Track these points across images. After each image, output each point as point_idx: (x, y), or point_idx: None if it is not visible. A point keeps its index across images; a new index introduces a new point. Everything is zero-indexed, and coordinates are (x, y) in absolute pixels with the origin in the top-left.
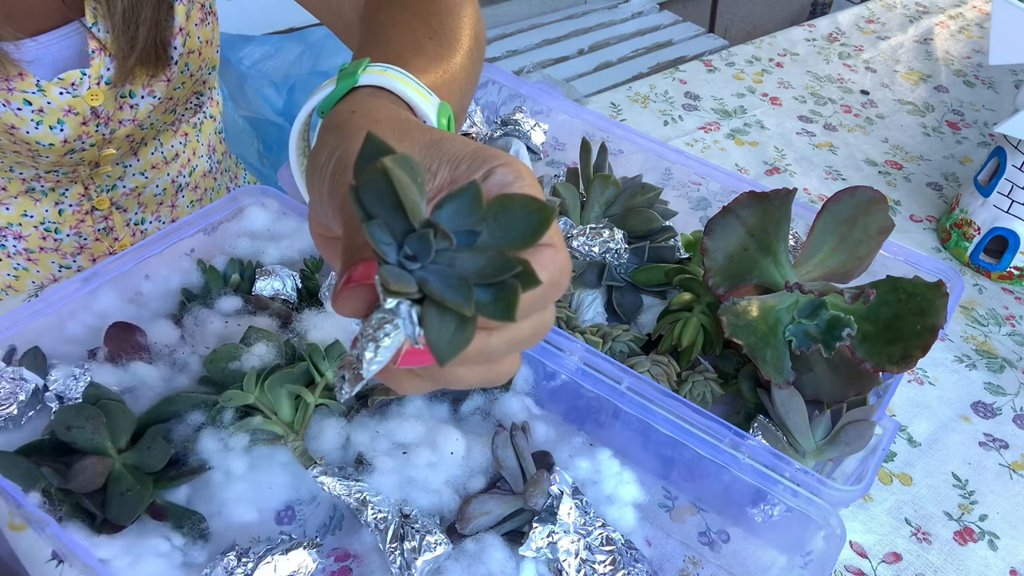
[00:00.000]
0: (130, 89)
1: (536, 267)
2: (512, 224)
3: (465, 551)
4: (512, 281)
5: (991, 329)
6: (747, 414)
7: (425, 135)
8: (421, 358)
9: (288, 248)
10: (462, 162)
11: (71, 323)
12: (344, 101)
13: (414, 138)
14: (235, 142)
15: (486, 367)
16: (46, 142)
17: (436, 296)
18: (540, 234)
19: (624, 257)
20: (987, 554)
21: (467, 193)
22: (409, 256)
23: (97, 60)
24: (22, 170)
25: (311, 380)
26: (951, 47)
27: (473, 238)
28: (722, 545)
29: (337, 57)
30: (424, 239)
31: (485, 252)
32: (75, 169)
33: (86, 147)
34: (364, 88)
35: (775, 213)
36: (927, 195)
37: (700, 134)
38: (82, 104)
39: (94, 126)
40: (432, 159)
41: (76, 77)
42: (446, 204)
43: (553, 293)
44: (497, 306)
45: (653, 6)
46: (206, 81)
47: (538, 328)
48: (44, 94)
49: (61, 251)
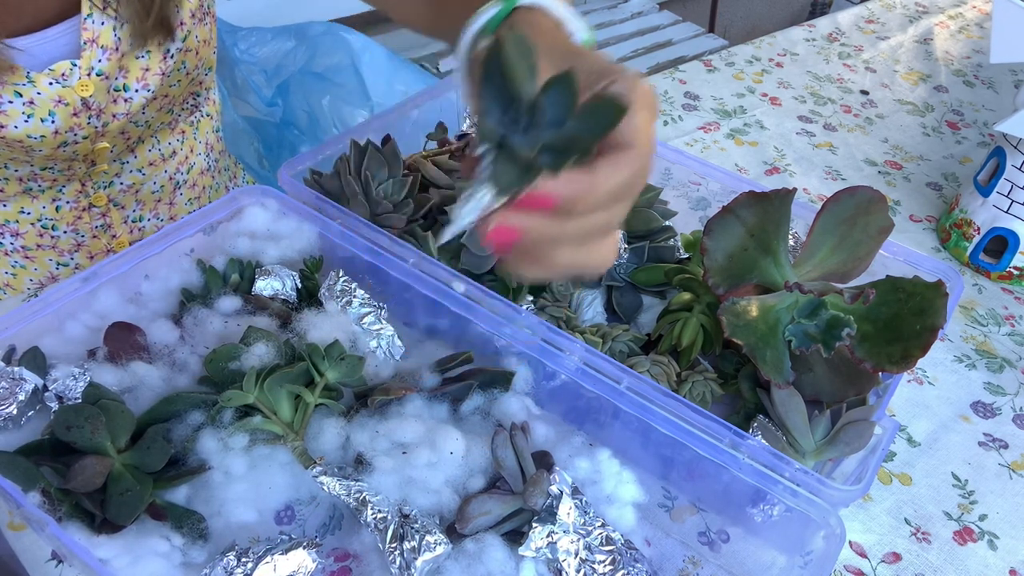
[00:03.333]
0: (124, 83)
1: (610, 164)
2: (594, 118)
3: (465, 551)
4: (571, 153)
5: (991, 329)
6: (747, 414)
7: (571, 48)
8: (507, 234)
9: (288, 248)
10: (593, 74)
11: (71, 323)
12: (505, 22)
13: (559, 49)
14: (234, 143)
15: (574, 249)
16: (37, 135)
17: (508, 144)
18: (610, 127)
19: (624, 257)
20: (987, 554)
21: (565, 81)
22: (504, 122)
23: (88, 51)
24: (17, 167)
25: (311, 380)
26: (951, 47)
27: (561, 122)
28: (722, 545)
29: (332, 56)
30: (517, 108)
31: (563, 132)
32: (70, 166)
33: (78, 140)
34: (522, 8)
35: (775, 213)
36: (927, 195)
37: (700, 134)
38: (72, 95)
39: (85, 118)
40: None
41: (66, 68)
42: (549, 88)
43: (627, 192)
44: (551, 163)
45: (653, 6)
46: (202, 81)
47: (611, 218)
48: (34, 85)
49: (59, 248)
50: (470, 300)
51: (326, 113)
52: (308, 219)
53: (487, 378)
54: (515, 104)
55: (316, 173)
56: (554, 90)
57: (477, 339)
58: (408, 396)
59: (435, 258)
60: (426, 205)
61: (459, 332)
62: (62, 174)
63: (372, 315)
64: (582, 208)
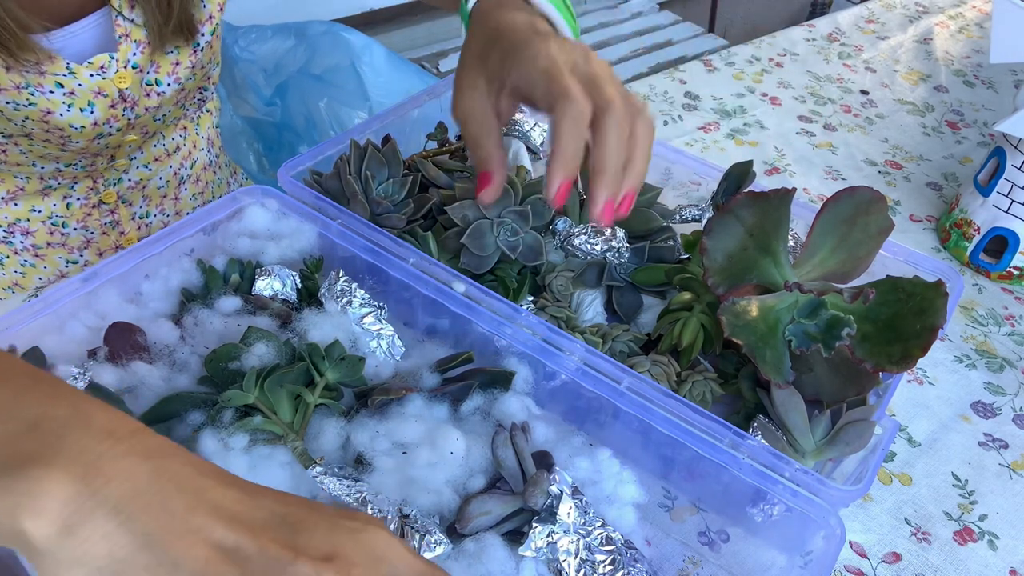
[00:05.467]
0: (156, 77)
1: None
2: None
3: (465, 551)
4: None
5: (991, 329)
6: (747, 414)
7: (517, 40)
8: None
9: (288, 248)
10: (534, 85)
11: (71, 323)
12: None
13: (503, 45)
14: (234, 143)
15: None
16: (78, 125)
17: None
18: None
19: (626, 256)
20: (987, 554)
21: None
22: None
23: (124, 45)
24: (44, 164)
25: (311, 380)
26: (951, 47)
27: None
28: (722, 545)
29: (332, 56)
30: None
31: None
32: (94, 161)
33: (113, 131)
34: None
35: (774, 213)
36: (927, 195)
37: (700, 134)
38: (111, 86)
39: (121, 109)
40: (507, 68)
41: (105, 60)
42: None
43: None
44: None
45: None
46: (210, 76)
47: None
48: (75, 76)
49: (68, 246)
50: (470, 300)
51: (323, 116)
52: (308, 219)
53: (487, 378)
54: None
55: (316, 173)
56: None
57: (477, 339)
58: (408, 396)
59: (435, 258)
60: (426, 205)
61: (459, 332)
62: (83, 170)
63: (372, 315)
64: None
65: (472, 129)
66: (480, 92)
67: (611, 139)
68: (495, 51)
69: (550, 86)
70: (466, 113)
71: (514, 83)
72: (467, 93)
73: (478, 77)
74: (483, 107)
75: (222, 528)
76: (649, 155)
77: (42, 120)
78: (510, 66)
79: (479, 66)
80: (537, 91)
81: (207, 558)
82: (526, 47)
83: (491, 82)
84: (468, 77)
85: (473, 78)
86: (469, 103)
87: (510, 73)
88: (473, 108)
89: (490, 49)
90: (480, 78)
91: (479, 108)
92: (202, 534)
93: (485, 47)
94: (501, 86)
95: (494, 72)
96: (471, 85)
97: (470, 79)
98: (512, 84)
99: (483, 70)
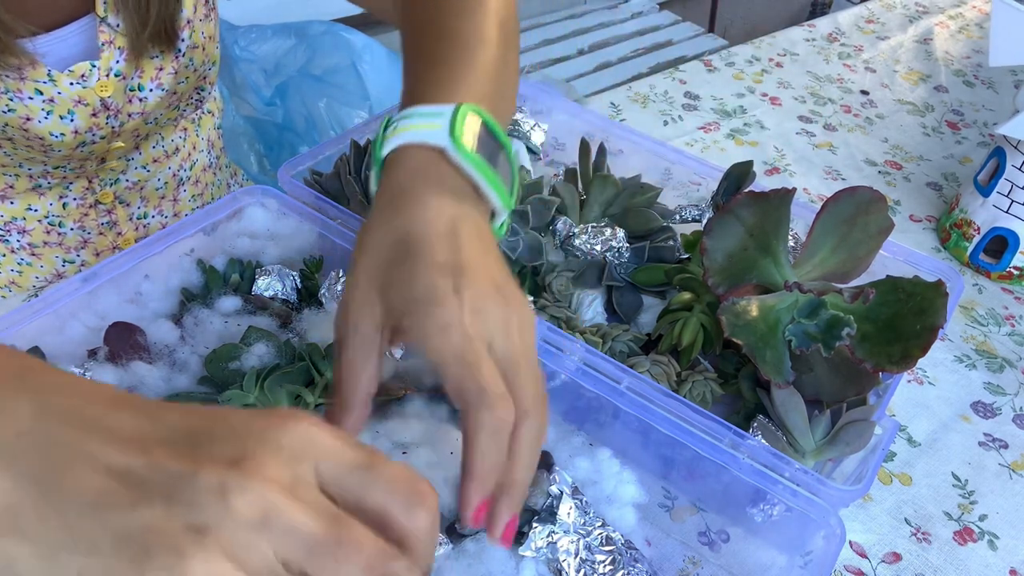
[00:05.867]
0: (139, 83)
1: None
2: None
3: (465, 551)
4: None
5: (991, 329)
6: (747, 414)
7: (427, 281)
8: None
9: (288, 248)
10: (442, 363)
11: (71, 323)
12: (386, 163)
13: (405, 278)
14: (235, 144)
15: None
16: (58, 133)
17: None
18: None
19: (625, 256)
20: (987, 554)
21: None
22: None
23: (106, 52)
24: (31, 166)
25: (311, 380)
26: (951, 47)
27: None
28: (722, 545)
29: (332, 55)
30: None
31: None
32: (82, 164)
33: (96, 140)
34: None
35: (774, 213)
36: (927, 195)
37: (700, 134)
38: (92, 95)
39: (104, 118)
40: (410, 321)
41: (86, 69)
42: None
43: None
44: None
45: (653, 6)
46: (206, 77)
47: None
48: (55, 83)
49: (65, 245)
50: None
51: (323, 116)
52: (308, 219)
53: None
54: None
55: (316, 173)
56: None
57: None
58: (408, 396)
59: None
60: None
61: None
62: (72, 172)
63: None
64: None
65: (349, 354)
66: (372, 317)
67: (526, 456)
68: (398, 279)
69: (464, 380)
70: (350, 330)
71: (416, 344)
72: (359, 308)
73: (376, 302)
74: (371, 334)
75: (114, 452)
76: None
77: (22, 128)
78: (413, 322)
79: (378, 287)
80: (447, 372)
81: (98, 489)
82: (435, 302)
83: (388, 316)
84: (363, 290)
85: (370, 297)
86: (356, 318)
87: (411, 330)
88: (358, 328)
89: (394, 271)
90: (377, 305)
91: (366, 332)
92: (92, 463)
93: (389, 261)
94: (398, 331)
95: (393, 308)
96: (365, 301)
97: (365, 294)
98: (414, 343)
99: (382, 297)
